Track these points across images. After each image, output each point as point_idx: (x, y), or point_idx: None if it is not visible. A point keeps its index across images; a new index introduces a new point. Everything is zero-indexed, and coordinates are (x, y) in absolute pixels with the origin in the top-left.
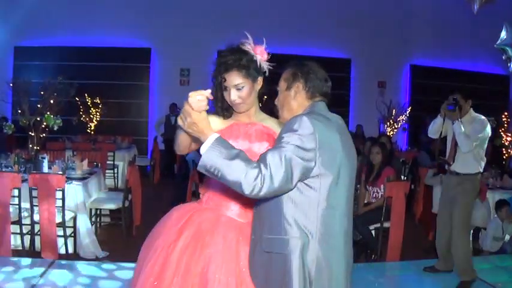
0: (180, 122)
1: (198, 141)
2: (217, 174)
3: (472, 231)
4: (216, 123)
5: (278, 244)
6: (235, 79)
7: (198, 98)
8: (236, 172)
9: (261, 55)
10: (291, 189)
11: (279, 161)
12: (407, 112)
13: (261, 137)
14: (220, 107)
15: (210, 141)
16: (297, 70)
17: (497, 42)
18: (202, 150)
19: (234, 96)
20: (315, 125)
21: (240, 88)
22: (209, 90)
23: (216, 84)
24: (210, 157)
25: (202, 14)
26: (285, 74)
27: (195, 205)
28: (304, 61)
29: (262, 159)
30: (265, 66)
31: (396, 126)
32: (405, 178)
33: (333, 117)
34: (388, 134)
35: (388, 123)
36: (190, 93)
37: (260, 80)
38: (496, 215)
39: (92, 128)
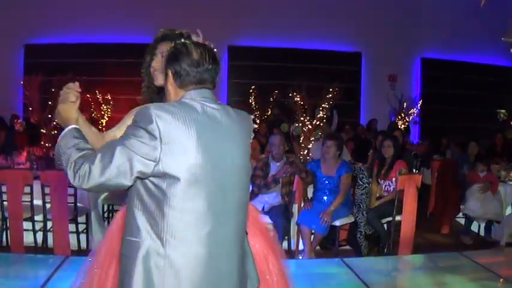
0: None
1: None
2: (58, 163)
3: (484, 224)
4: None
5: (129, 246)
6: (165, 48)
7: (65, 90)
8: (67, 161)
9: None
10: (128, 185)
11: (111, 154)
12: (419, 105)
13: None
14: (149, 88)
15: (64, 131)
16: (170, 54)
17: (505, 36)
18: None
19: (156, 62)
20: (160, 117)
21: (163, 56)
22: (77, 83)
23: (147, 63)
24: (58, 146)
25: (212, 9)
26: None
27: None
28: (181, 42)
29: (97, 150)
30: None
31: (408, 120)
32: (417, 171)
33: (212, 109)
34: (399, 127)
35: (399, 116)
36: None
37: None
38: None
39: (104, 125)
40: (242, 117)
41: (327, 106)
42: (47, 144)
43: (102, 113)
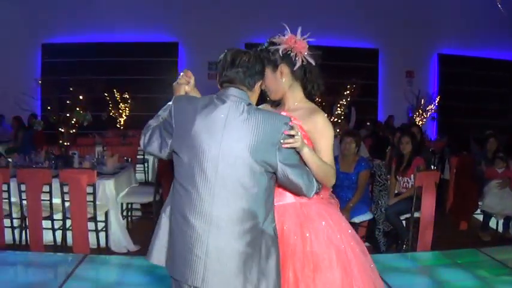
0: None
1: None
2: None
3: (502, 220)
4: None
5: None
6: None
7: (181, 75)
8: None
9: (291, 45)
10: (162, 157)
11: (151, 129)
12: (436, 101)
13: None
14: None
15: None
16: None
17: None
18: None
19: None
20: (176, 104)
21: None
22: (188, 71)
23: None
24: None
25: (229, 7)
26: None
27: None
28: (227, 50)
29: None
30: (295, 55)
31: (425, 116)
32: (435, 168)
33: (220, 103)
34: (417, 123)
35: (417, 112)
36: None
37: (283, 68)
38: None
39: (122, 123)
40: (255, 117)
41: (345, 103)
42: (65, 143)
43: (120, 111)
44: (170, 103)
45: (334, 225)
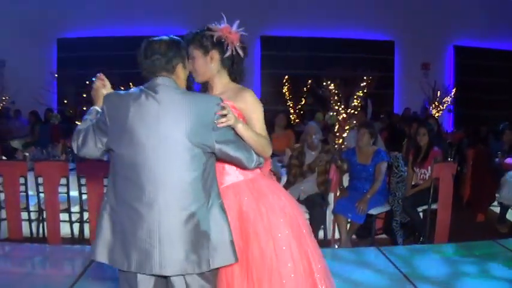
0: None
1: None
2: None
3: None
4: None
5: (103, 202)
6: (190, 50)
7: (95, 80)
8: None
9: (225, 34)
10: (98, 155)
11: (83, 131)
12: (452, 93)
13: None
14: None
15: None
16: None
17: None
18: None
19: (189, 66)
20: (109, 102)
21: (191, 58)
22: (99, 74)
23: None
24: None
25: None
26: None
27: None
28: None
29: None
30: (227, 44)
31: (441, 108)
32: (452, 159)
33: (151, 94)
34: (433, 115)
35: (433, 104)
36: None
37: (213, 53)
38: None
39: None
40: (187, 100)
41: (361, 95)
42: None
43: None
44: (95, 107)
45: (283, 196)
